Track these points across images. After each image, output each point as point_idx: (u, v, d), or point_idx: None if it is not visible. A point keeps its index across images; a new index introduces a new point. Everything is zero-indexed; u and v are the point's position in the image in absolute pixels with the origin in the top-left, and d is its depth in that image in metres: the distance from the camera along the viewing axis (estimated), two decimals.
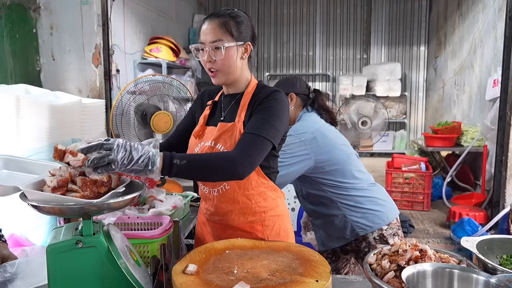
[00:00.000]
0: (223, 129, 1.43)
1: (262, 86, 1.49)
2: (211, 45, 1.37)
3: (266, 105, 1.37)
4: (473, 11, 5.63)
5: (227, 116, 1.48)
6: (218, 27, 1.37)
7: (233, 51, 1.39)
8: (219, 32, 1.37)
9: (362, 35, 8.47)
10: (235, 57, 1.40)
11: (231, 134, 1.41)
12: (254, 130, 1.32)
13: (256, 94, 1.44)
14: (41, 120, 1.78)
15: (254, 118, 1.37)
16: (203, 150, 1.46)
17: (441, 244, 3.82)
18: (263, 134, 1.31)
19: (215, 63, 1.39)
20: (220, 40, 1.36)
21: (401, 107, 8.24)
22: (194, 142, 1.51)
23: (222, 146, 1.42)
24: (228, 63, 1.39)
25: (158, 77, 2.64)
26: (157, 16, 5.75)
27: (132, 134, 2.56)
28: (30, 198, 1.04)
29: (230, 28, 1.38)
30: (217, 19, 1.38)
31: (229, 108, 1.49)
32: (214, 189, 1.48)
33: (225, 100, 1.52)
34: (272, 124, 1.34)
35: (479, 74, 5.33)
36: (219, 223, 1.52)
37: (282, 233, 1.55)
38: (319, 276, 1.12)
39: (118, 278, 1.10)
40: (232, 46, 1.38)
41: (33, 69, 3.41)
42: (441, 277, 0.95)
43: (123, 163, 1.07)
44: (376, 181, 2.12)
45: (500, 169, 3.44)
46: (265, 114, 1.35)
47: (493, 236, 1.30)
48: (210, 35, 1.37)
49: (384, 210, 1.95)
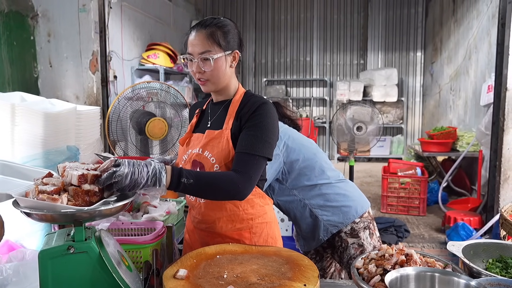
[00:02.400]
0: (210, 137, 1.44)
1: (250, 94, 1.49)
2: (199, 56, 1.38)
3: (256, 121, 1.38)
4: (467, 17, 5.69)
5: (214, 123, 1.49)
6: (205, 38, 1.37)
7: (222, 61, 1.40)
8: (206, 44, 1.37)
9: (359, 41, 8.53)
10: (224, 66, 1.41)
11: (218, 142, 1.42)
12: (250, 149, 1.34)
13: (244, 103, 1.45)
14: (36, 128, 1.80)
15: (246, 135, 1.37)
16: (191, 158, 1.47)
17: (436, 249, 3.84)
18: (259, 153, 1.35)
19: (204, 73, 1.40)
20: (208, 51, 1.37)
21: (398, 112, 8.28)
22: (182, 150, 1.53)
23: (209, 153, 1.43)
24: (217, 73, 1.41)
25: (155, 84, 2.67)
26: (155, 22, 5.79)
27: (129, 141, 2.58)
28: (22, 205, 1.06)
29: (218, 39, 1.38)
30: (204, 29, 1.38)
31: (217, 115, 1.50)
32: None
33: (213, 108, 1.53)
34: (265, 139, 1.37)
35: (474, 80, 5.38)
36: (206, 231, 1.53)
37: (270, 240, 1.55)
38: (307, 281, 1.14)
39: (109, 283, 1.12)
40: (220, 57, 1.39)
41: (31, 76, 3.44)
42: (424, 281, 0.97)
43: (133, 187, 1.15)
44: (373, 186, 2.14)
45: (494, 174, 3.47)
46: (257, 131, 1.37)
47: (478, 240, 1.32)
48: (198, 46, 1.38)
49: (353, 204, 1.97)
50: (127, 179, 1.13)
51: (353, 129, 3.97)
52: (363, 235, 1.95)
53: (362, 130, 3.95)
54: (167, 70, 5.23)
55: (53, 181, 1.11)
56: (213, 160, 1.42)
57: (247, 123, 1.39)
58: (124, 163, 1.14)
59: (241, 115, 1.42)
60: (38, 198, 1.05)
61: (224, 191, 1.31)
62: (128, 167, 1.13)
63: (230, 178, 1.30)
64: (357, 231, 1.95)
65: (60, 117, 1.87)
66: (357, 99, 7.77)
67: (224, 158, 1.40)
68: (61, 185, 1.10)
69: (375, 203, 5.12)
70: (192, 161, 1.47)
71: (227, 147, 1.40)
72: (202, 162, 1.44)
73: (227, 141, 1.40)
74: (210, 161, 1.42)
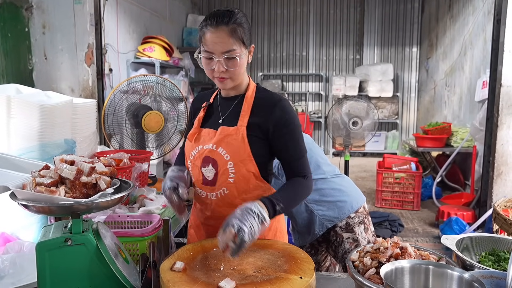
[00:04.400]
0: (225, 133, 1.41)
1: (262, 89, 1.49)
2: (223, 55, 1.33)
3: (290, 126, 1.41)
4: (463, 13, 5.71)
5: (227, 119, 1.46)
6: (228, 36, 1.32)
7: (244, 58, 1.38)
8: (230, 42, 1.33)
9: (355, 36, 8.53)
10: (245, 62, 1.40)
11: (234, 139, 1.40)
12: (300, 153, 1.44)
13: (259, 99, 1.44)
14: (32, 120, 1.79)
15: (289, 141, 1.41)
16: (202, 154, 1.44)
17: (430, 243, 3.88)
18: (305, 152, 1.45)
19: (227, 71, 1.36)
20: (233, 50, 1.34)
21: (393, 108, 8.31)
22: (190, 145, 1.49)
23: (223, 150, 1.40)
24: (240, 70, 1.38)
25: (151, 78, 2.65)
26: (151, 15, 5.76)
27: (124, 134, 2.57)
28: (20, 198, 1.06)
29: (242, 36, 1.35)
30: (225, 27, 1.32)
31: (229, 111, 1.47)
32: (212, 193, 1.47)
33: (223, 103, 1.50)
34: (302, 137, 1.46)
35: (469, 76, 5.41)
36: (215, 226, 1.47)
37: (278, 234, 1.55)
38: (303, 273, 1.15)
39: (106, 275, 1.13)
40: (244, 55, 1.37)
41: (25, 68, 3.41)
42: (418, 273, 0.98)
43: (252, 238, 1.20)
44: (367, 181, 2.16)
45: (487, 169, 3.51)
46: (294, 134, 1.43)
47: (472, 234, 1.34)
48: (220, 44, 1.32)
49: (349, 199, 1.98)
50: (250, 239, 1.18)
51: (349, 124, 3.99)
52: (358, 230, 1.97)
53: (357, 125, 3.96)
54: (162, 63, 5.21)
55: (50, 173, 1.11)
56: (227, 157, 1.40)
57: (283, 129, 1.41)
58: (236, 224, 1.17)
59: (261, 112, 1.42)
60: (36, 191, 1.05)
61: (303, 198, 1.46)
62: (245, 227, 1.17)
63: (305, 186, 1.42)
64: (352, 226, 1.97)
65: (56, 109, 1.87)
66: (353, 94, 7.78)
67: (239, 155, 1.40)
68: (58, 178, 1.10)
69: (370, 198, 5.15)
70: (204, 157, 1.44)
71: (242, 144, 1.39)
72: (215, 158, 1.42)
73: (243, 139, 1.39)
74: (224, 158, 1.41)
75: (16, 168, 1.28)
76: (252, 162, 1.41)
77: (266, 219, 1.23)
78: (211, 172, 1.44)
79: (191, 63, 6.09)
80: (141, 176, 2.14)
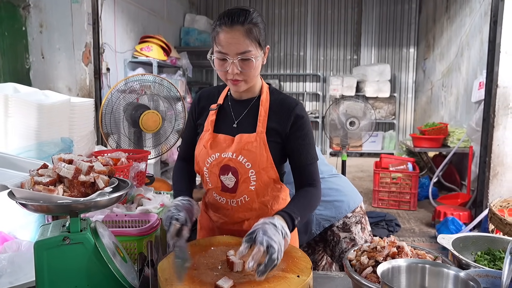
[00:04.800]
0: (245, 141, 1.36)
1: (277, 92, 1.44)
2: (238, 56, 1.27)
3: (306, 130, 1.40)
4: (460, 14, 5.73)
5: (242, 125, 1.40)
6: (244, 37, 1.26)
7: (260, 59, 1.32)
8: (246, 43, 1.26)
9: (353, 36, 8.55)
10: (260, 64, 1.34)
11: (255, 146, 1.35)
12: (310, 159, 1.40)
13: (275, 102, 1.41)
14: (29, 119, 1.79)
15: (302, 145, 1.39)
16: (220, 162, 1.39)
17: (426, 243, 3.89)
18: (315, 159, 1.43)
19: (241, 73, 1.30)
20: (249, 51, 1.27)
21: (390, 108, 8.33)
22: (205, 152, 1.41)
23: (244, 158, 1.36)
24: (255, 72, 1.33)
25: (149, 77, 2.65)
26: (148, 15, 5.75)
27: (122, 133, 2.57)
28: (18, 196, 1.06)
29: (257, 37, 1.28)
30: (241, 27, 1.25)
31: (244, 115, 1.41)
32: (232, 200, 1.43)
33: (236, 105, 1.43)
34: (313, 143, 1.44)
35: (465, 77, 5.43)
36: (232, 230, 1.48)
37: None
38: (300, 272, 1.16)
39: (105, 274, 1.13)
40: (259, 56, 1.31)
41: (22, 67, 3.40)
42: (414, 272, 0.99)
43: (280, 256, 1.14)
44: (364, 181, 2.17)
45: (483, 170, 3.52)
46: (308, 138, 1.40)
47: (468, 234, 1.35)
48: (236, 45, 1.26)
49: (346, 199, 1.99)
50: (279, 258, 1.12)
51: (346, 124, 4.00)
52: (355, 230, 1.98)
53: (355, 125, 3.98)
54: (160, 63, 5.20)
55: (48, 172, 1.11)
56: (248, 165, 1.36)
57: (296, 133, 1.38)
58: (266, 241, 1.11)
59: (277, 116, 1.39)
60: (34, 189, 1.05)
61: (314, 209, 1.43)
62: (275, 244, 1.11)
63: (316, 195, 1.40)
64: (349, 225, 1.98)
65: (54, 108, 1.86)
66: (350, 94, 7.80)
67: (260, 163, 1.36)
68: (56, 177, 1.10)
69: (367, 198, 5.17)
70: (223, 166, 1.39)
71: (263, 152, 1.35)
72: (235, 167, 1.37)
73: (264, 146, 1.35)
74: (245, 166, 1.36)
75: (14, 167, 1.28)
76: (273, 168, 1.38)
77: (288, 235, 1.19)
78: (231, 180, 1.40)
79: (189, 62, 6.09)
80: (139, 175, 2.14)
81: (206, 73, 8.47)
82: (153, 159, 2.84)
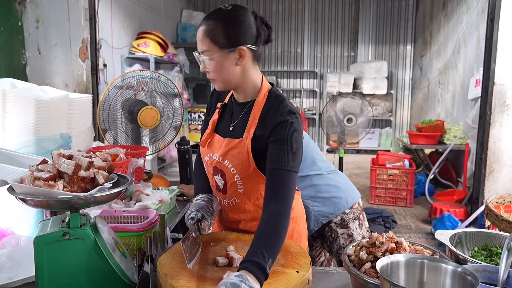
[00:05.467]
0: (230, 146, 1.35)
1: (274, 96, 1.34)
2: (201, 55, 1.28)
3: (284, 134, 1.25)
4: (457, 11, 5.74)
5: (236, 127, 1.38)
6: (204, 36, 1.25)
7: (222, 61, 1.26)
8: (205, 42, 1.26)
9: (350, 33, 8.55)
10: (228, 66, 1.27)
11: (239, 152, 1.33)
12: (281, 164, 1.22)
13: (268, 107, 1.32)
14: (27, 115, 1.78)
15: (276, 149, 1.25)
16: (212, 163, 1.41)
17: (423, 239, 3.92)
18: (290, 168, 1.23)
19: (211, 73, 1.30)
20: (207, 51, 1.26)
21: (387, 105, 8.35)
22: (204, 151, 1.45)
23: (229, 163, 1.35)
24: (221, 73, 1.29)
25: (146, 73, 2.64)
26: (145, 10, 5.73)
27: (119, 129, 2.56)
28: (18, 192, 1.06)
29: (215, 36, 1.24)
30: (205, 25, 1.26)
31: (239, 119, 1.39)
32: (225, 200, 1.44)
33: (236, 108, 1.42)
34: (294, 152, 1.25)
35: (462, 74, 5.45)
36: (229, 228, 1.51)
37: (295, 235, 1.51)
38: (299, 267, 1.17)
39: (104, 269, 1.13)
40: (219, 57, 1.26)
41: (19, 63, 3.38)
42: (413, 267, 1.00)
43: None
44: (361, 178, 2.18)
45: (480, 167, 3.54)
46: (286, 145, 1.24)
47: (465, 229, 1.36)
48: (199, 44, 1.28)
49: (344, 195, 2.00)
50: None
51: (344, 121, 4.01)
52: (352, 226, 1.99)
53: (352, 122, 3.99)
54: (157, 59, 5.19)
55: (48, 168, 1.11)
56: (234, 171, 1.35)
57: (275, 135, 1.26)
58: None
59: (265, 122, 1.30)
60: (34, 185, 1.05)
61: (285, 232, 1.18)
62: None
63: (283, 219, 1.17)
64: (347, 221, 1.99)
65: (52, 104, 1.86)
66: (347, 91, 7.81)
67: (244, 169, 1.33)
68: (56, 172, 1.10)
69: (364, 194, 5.19)
70: (214, 167, 1.41)
71: (247, 159, 1.31)
72: (223, 170, 1.38)
73: (247, 153, 1.31)
74: (230, 171, 1.36)
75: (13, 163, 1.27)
76: (259, 175, 1.33)
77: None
78: (221, 182, 1.42)
79: (186, 59, 6.07)
80: (137, 171, 2.14)
81: None
82: (150, 156, 2.84)
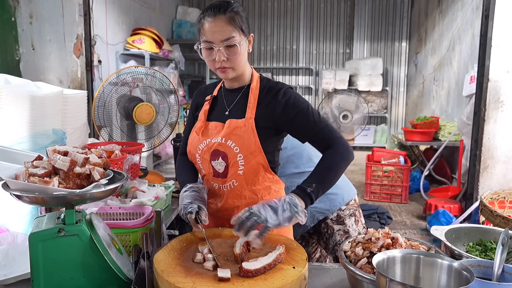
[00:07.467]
0: (233, 126, 1.42)
1: (266, 80, 1.49)
2: (223, 43, 1.34)
3: (297, 105, 1.41)
4: (452, 8, 5.76)
5: (233, 112, 1.47)
6: (227, 24, 1.34)
7: (244, 46, 1.39)
8: (229, 29, 1.34)
9: (345, 30, 8.56)
10: (244, 51, 1.39)
11: (243, 131, 1.40)
12: (320, 124, 1.41)
13: (264, 89, 1.45)
14: (22, 111, 1.77)
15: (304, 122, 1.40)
16: (211, 147, 1.45)
17: (418, 235, 3.94)
18: (323, 122, 1.42)
19: (228, 60, 1.37)
20: (233, 37, 1.34)
21: (382, 102, 8.38)
22: (197, 139, 1.49)
23: (233, 142, 1.41)
24: (241, 58, 1.38)
25: (141, 69, 2.63)
26: (140, 7, 5.69)
27: (115, 126, 2.55)
28: (13, 188, 1.05)
29: (240, 23, 1.36)
30: (223, 15, 1.34)
31: (235, 103, 1.47)
32: (224, 185, 1.48)
33: (228, 95, 1.50)
34: (314, 112, 1.43)
35: (457, 71, 5.47)
36: (223, 218, 1.51)
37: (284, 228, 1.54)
38: (296, 263, 1.17)
39: (100, 266, 1.13)
40: (243, 43, 1.37)
41: (12, 59, 3.35)
42: (409, 262, 1.01)
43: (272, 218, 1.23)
44: (357, 174, 2.19)
45: (474, 163, 3.57)
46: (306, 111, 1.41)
47: (460, 225, 1.37)
48: (220, 33, 1.33)
49: (340, 192, 2.01)
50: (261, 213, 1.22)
51: (339, 118, 4.02)
52: (348, 222, 1.99)
53: (348, 119, 4.00)
54: (152, 55, 5.16)
55: (43, 164, 1.10)
56: (237, 150, 1.41)
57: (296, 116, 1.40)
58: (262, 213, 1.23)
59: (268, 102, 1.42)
60: (29, 181, 1.04)
61: (343, 169, 1.39)
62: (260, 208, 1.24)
63: (338, 156, 1.38)
64: (343, 218, 1.99)
65: (46, 100, 1.84)
66: (343, 88, 7.82)
67: (248, 147, 1.40)
68: (51, 168, 1.09)
69: (359, 191, 5.16)
70: (213, 151, 1.45)
71: (251, 136, 1.40)
72: (224, 151, 1.42)
73: (252, 131, 1.40)
74: (233, 150, 1.41)
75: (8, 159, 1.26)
76: (262, 154, 1.41)
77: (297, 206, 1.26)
78: (221, 165, 1.44)
79: (181, 55, 6.05)
80: (133, 168, 2.13)
81: (199, 66, 8.42)
82: (145, 152, 2.83)
